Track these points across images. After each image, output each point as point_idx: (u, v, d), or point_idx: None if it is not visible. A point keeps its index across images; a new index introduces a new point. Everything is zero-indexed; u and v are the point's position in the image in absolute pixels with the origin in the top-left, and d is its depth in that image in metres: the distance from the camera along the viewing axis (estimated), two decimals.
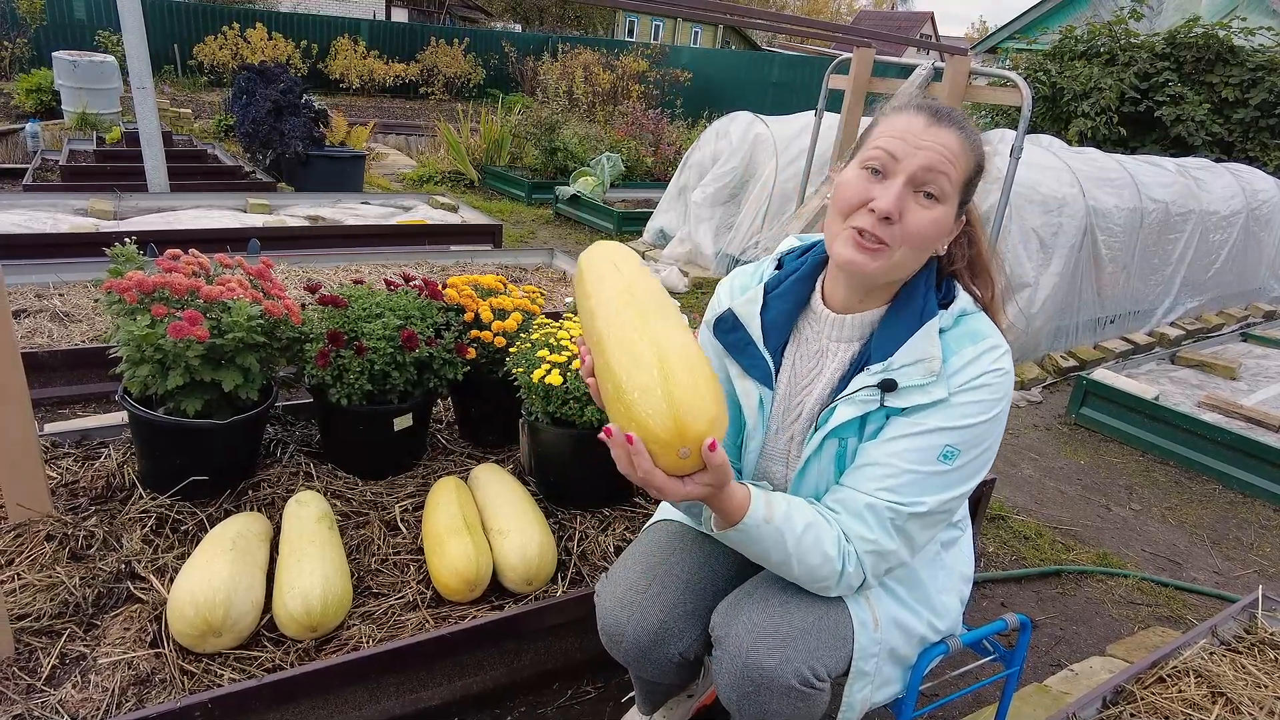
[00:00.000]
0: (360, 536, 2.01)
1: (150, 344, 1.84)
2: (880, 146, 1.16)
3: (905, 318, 1.21)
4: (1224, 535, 3.06)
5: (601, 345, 1.11)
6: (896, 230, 1.14)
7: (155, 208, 5.18)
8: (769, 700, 1.19)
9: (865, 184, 1.16)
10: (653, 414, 1.02)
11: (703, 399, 1.03)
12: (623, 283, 1.17)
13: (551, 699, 1.84)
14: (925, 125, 1.15)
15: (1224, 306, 6.16)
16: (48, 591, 1.70)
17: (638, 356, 1.05)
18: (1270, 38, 9.07)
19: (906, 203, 1.14)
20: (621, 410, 1.05)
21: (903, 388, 1.18)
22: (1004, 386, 1.19)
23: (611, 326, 1.11)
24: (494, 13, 28.73)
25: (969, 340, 1.20)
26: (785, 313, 1.31)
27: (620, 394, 1.05)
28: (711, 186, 5.95)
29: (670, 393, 1.02)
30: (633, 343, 1.07)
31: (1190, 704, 1.72)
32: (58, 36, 12.38)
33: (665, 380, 1.03)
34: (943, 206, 1.15)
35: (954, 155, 1.14)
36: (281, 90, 6.77)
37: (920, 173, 1.13)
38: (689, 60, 16.34)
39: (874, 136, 1.19)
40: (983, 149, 1.20)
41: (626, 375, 1.05)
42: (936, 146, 1.13)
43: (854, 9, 50.90)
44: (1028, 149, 4.63)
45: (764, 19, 2.71)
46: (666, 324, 1.11)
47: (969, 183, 1.19)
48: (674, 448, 1.01)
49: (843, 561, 1.16)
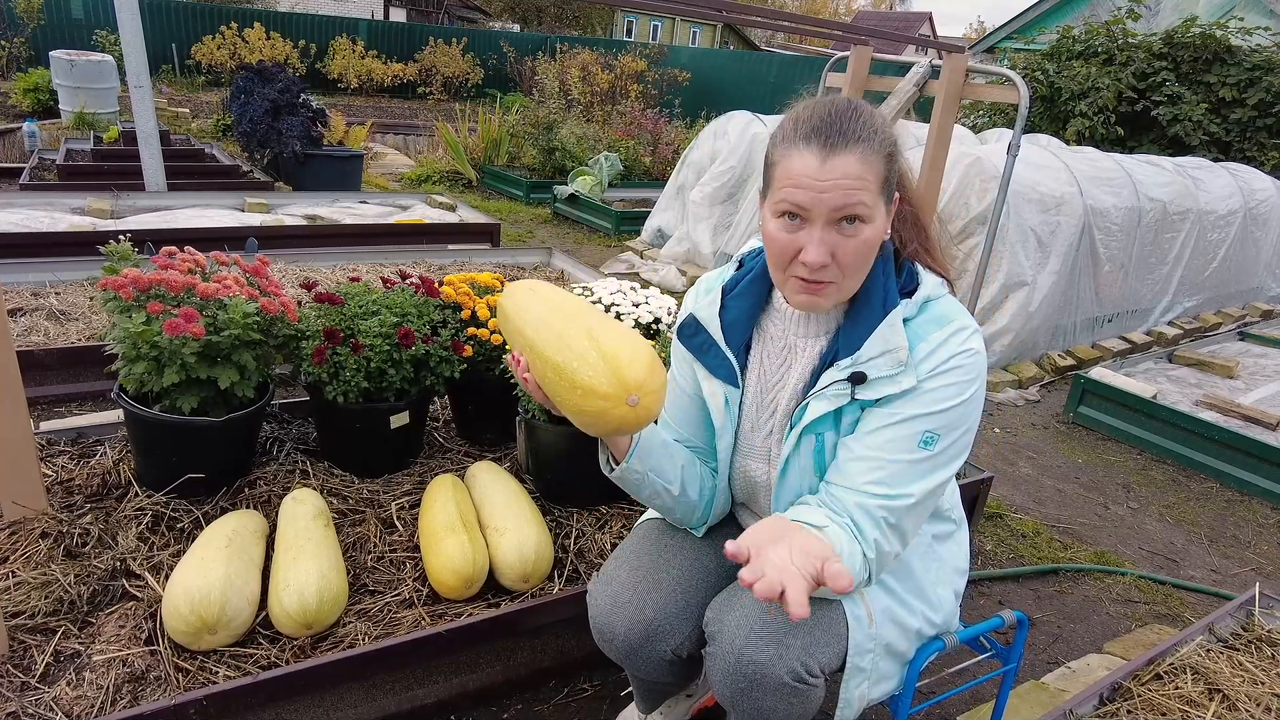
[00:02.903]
0: (356, 534, 2.01)
1: (146, 341, 1.84)
2: (785, 199, 1.13)
3: (869, 310, 1.22)
4: (1221, 533, 3.06)
5: (534, 347, 1.25)
6: (833, 269, 1.14)
7: (153, 207, 5.17)
8: (763, 697, 1.18)
9: (788, 235, 1.14)
10: (592, 374, 1.13)
11: (636, 349, 1.15)
12: (544, 301, 1.32)
13: (548, 697, 1.83)
14: (820, 163, 1.10)
15: (1222, 306, 6.16)
16: (42, 589, 1.70)
17: (569, 339, 1.19)
18: (1268, 38, 9.08)
19: (833, 239, 1.12)
20: (564, 385, 1.17)
21: (872, 380, 1.18)
22: (976, 367, 1.19)
23: (540, 328, 1.26)
24: (492, 13, 28.73)
25: (935, 325, 1.20)
26: (745, 311, 1.32)
27: (560, 372, 1.17)
28: (710, 186, 5.95)
29: (603, 350, 1.14)
30: (562, 331, 1.21)
31: (1187, 701, 1.72)
32: (55, 36, 12.38)
33: (596, 343, 1.15)
34: (869, 224, 1.13)
35: (860, 179, 1.10)
36: (279, 90, 6.75)
37: (834, 213, 1.10)
38: (688, 60, 16.32)
39: (777, 181, 1.15)
40: (886, 134, 1.14)
41: (562, 356, 1.17)
42: (839, 182, 1.09)
43: (852, 9, 50.92)
44: (1025, 148, 4.63)
45: (762, 16, 2.71)
46: (590, 313, 1.25)
47: (886, 179, 1.14)
48: (621, 399, 1.12)
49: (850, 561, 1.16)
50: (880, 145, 1.13)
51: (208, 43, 13.63)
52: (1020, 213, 4.39)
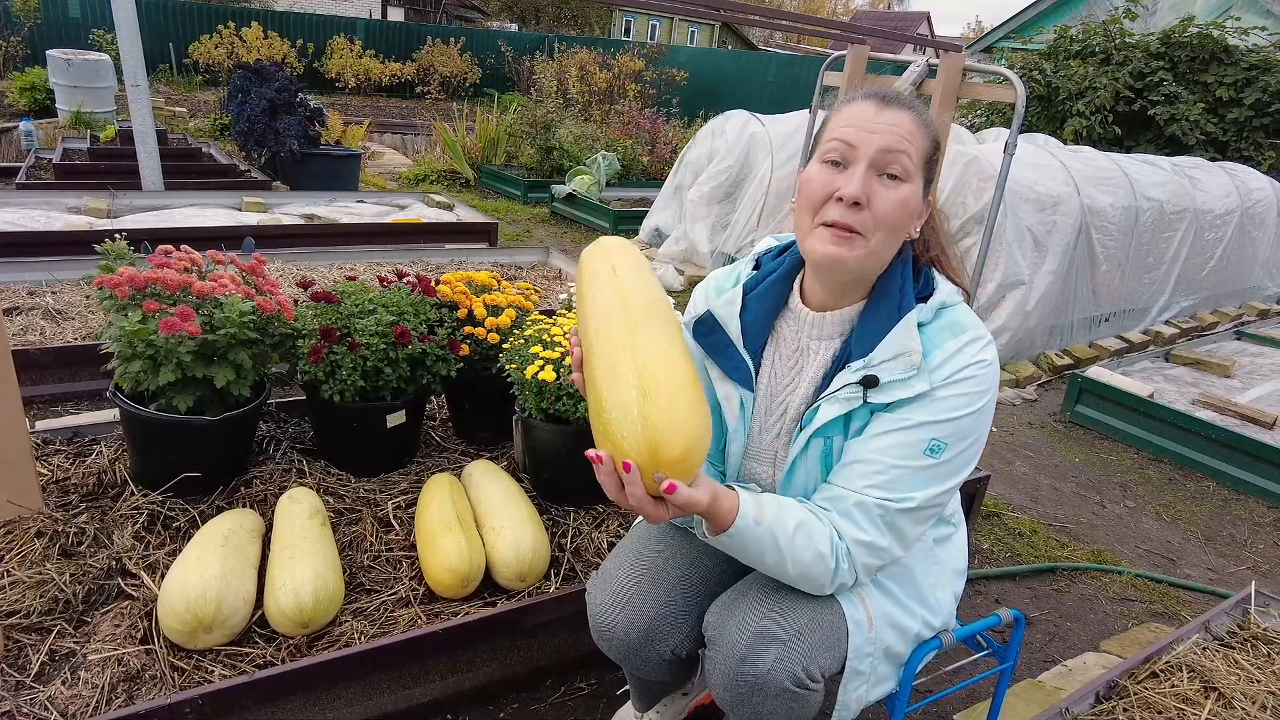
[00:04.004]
0: (353, 533, 2.01)
1: (142, 340, 1.84)
2: (836, 138, 1.17)
3: (884, 312, 1.21)
4: (1217, 532, 3.07)
5: (589, 352, 1.11)
6: (867, 216, 1.14)
7: (149, 206, 5.16)
8: (763, 702, 1.18)
9: (829, 176, 1.16)
10: (628, 436, 1.01)
11: (680, 423, 1.00)
12: (617, 289, 1.14)
13: (545, 695, 1.83)
14: (876, 110, 1.16)
15: (1218, 305, 6.17)
16: (37, 588, 1.70)
17: (619, 374, 1.04)
18: (1264, 37, 9.09)
19: (872, 186, 1.14)
20: (600, 427, 1.05)
21: (885, 383, 1.17)
22: (988, 378, 1.18)
23: (599, 336, 1.10)
24: (490, 12, 28.71)
25: (950, 333, 1.19)
26: (764, 314, 1.31)
27: (599, 410, 1.05)
28: (707, 185, 5.95)
29: (646, 415, 1.00)
30: (615, 358, 1.05)
31: (1183, 699, 1.72)
32: (52, 35, 12.33)
33: (643, 401, 1.01)
34: (908, 185, 1.16)
35: (909, 133, 1.15)
36: (277, 89, 6.74)
37: (879, 155, 1.14)
38: (685, 60, 16.32)
39: (829, 130, 1.20)
40: (935, 129, 1.21)
41: (607, 391, 1.04)
42: (891, 127, 1.14)
43: (850, 8, 50.95)
44: (1023, 147, 4.64)
45: (760, 15, 2.71)
46: (654, 338, 1.08)
47: (929, 160, 1.19)
48: (648, 472, 1.01)
49: (836, 560, 1.16)
50: (929, 127, 1.19)
51: (205, 42, 13.60)
52: (1017, 212, 4.39)
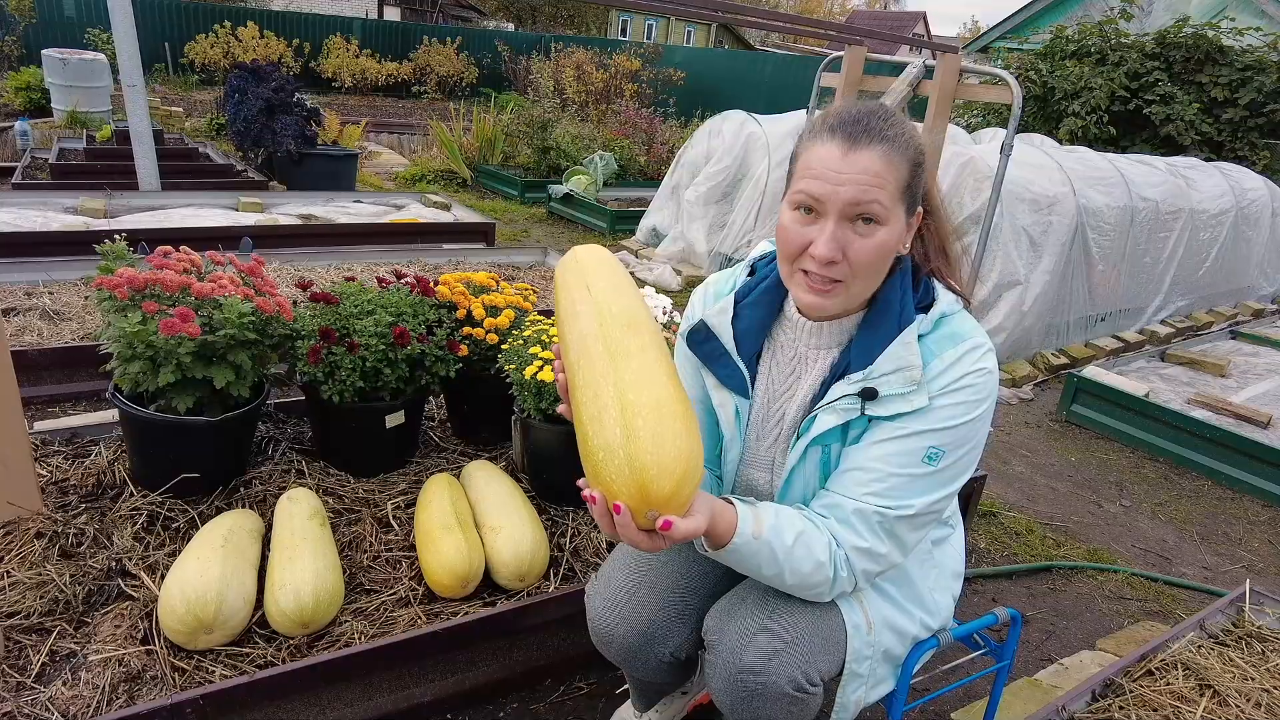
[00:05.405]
0: (352, 533, 2.01)
1: (141, 340, 1.84)
2: (803, 190, 1.12)
3: (883, 324, 1.20)
4: (1213, 531, 3.08)
5: (572, 383, 1.09)
6: (844, 266, 1.12)
7: (146, 206, 5.15)
8: (763, 706, 1.19)
9: (801, 228, 1.14)
10: (616, 478, 0.99)
11: (667, 460, 0.97)
12: (594, 310, 1.11)
13: (544, 695, 1.84)
14: (842, 154, 1.10)
15: (1214, 305, 6.20)
16: (37, 589, 1.70)
17: (602, 410, 1.01)
18: (1259, 38, 9.13)
19: (846, 236, 1.11)
20: (589, 467, 1.03)
21: (884, 396, 1.16)
22: (987, 386, 1.18)
23: (579, 366, 1.08)
24: (487, 12, 28.66)
25: (950, 343, 1.19)
26: (758, 321, 1.30)
27: (587, 450, 1.03)
28: (704, 185, 5.95)
29: (632, 456, 0.97)
30: (598, 389, 1.03)
31: (1178, 696, 1.74)
32: (48, 34, 12.29)
33: (628, 442, 0.98)
34: (885, 227, 1.12)
35: (878, 175, 1.09)
36: (274, 89, 6.73)
37: (848, 207, 1.10)
38: (682, 60, 16.32)
39: (797, 174, 1.16)
40: (914, 143, 1.14)
41: (592, 430, 1.02)
42: (858, 176, 1.09)
43: (846, 9, 50.96)
44: (1019, 148, 4.65)
45: (757, 16, 2.72)
46: (634, 361, 1.04)
47: (909, 185, 1.14)
48: (640, 512, 1.00)
49: (834, 568, 1.16)
50: (906, 151, 1.12)
51: (201, 41, 13.57)
52: (1013, 212, 4.40)
